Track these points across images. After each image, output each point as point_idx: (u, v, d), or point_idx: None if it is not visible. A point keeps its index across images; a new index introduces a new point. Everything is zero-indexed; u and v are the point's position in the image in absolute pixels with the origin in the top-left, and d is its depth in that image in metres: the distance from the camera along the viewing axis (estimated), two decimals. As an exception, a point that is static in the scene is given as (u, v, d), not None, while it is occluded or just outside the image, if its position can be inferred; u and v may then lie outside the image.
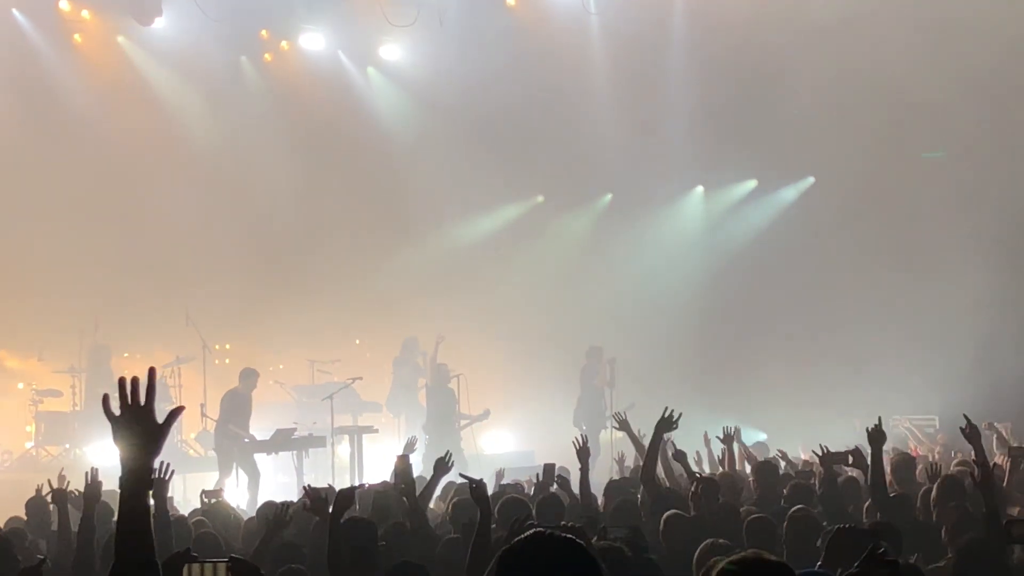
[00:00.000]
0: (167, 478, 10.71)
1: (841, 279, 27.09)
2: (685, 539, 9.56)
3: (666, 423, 12.02)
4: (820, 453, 11.83)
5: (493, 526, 9.07)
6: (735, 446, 16.40)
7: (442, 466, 11.82)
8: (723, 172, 28.88)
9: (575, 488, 12.80)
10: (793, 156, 27.58)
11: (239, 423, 21.21)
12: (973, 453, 11.29)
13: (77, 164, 25.36)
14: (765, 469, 13.12)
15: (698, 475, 12.08)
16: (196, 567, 5.75)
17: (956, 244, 25.36)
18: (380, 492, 12.21)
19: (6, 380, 25.62)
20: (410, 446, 15.45)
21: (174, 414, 4.82)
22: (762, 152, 27.61)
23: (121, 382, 4.70)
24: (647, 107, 28.31)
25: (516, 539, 4.35)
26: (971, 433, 11.22)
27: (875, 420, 11.07)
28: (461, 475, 10.35)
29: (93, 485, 10.26)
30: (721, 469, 15.36)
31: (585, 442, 12.07)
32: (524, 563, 4.26)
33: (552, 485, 12.57)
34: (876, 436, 11.10)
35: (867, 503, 11.07)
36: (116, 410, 4.69)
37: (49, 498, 11.83)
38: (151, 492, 4.76)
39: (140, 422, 4.66)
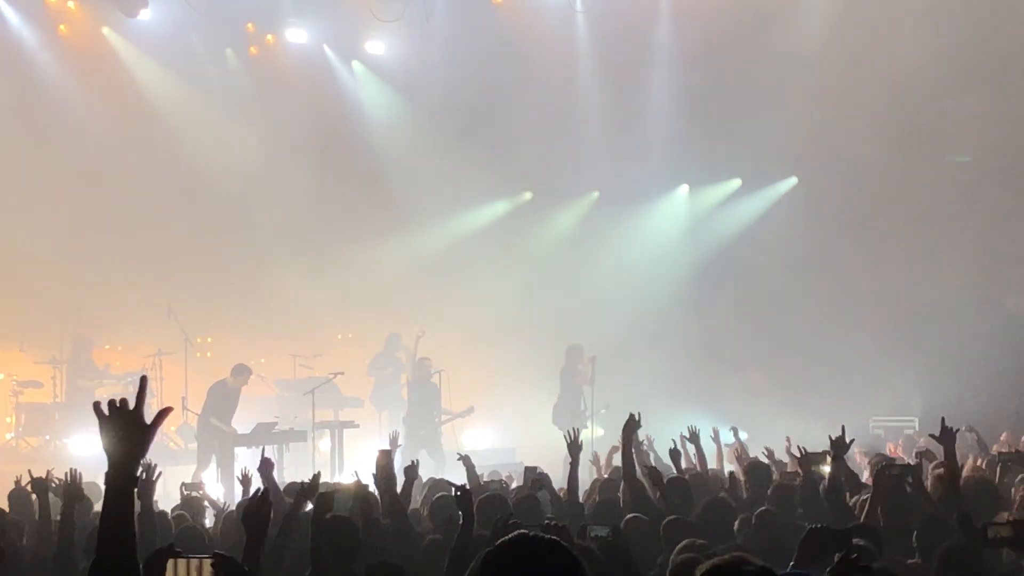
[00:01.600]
0: (154, 479, 10.73)
1: (823, 279, 27.11)
2: (645, 542, 9.66)
3: (632, 425, 12.13)
4: (799, 454, 11.87)
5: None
6: (727, 444, 16.47)
7: (412, 474, 11.88)
8: (708, 171, 28.93)
9: (555, 485, 12.86)
10: (777, 156, 27.62)
11: (223, 417, 21.24)
12: (944, 456, 11.24)
13: (61, 155, 25.31)
14: (757, 469, 13.09)
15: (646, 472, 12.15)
16: (180, 563, 5.75)
17: (938, 245, 25.44)
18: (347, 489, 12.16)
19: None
20: (393, 442, 15.49)
21: (162, 415, 4.84)
22: (747, 151, 27.65)
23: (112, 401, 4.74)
24: (633, 105, 28.39)
25: (500, 540, 4.38)
26: (944, 436, 11.10)
27: (854, 421, 11.14)
28: (448, 483, 10.45)
29: (73, 484, 10.29)
30: (698, 468, 15.29)
31: (576, 436, 12.08)
32: (508, 564, 4.29)
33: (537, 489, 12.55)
34: (838, 445, 11.16)
35: (851, 502, 11.09)
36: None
37: (29, 488, 11.83)
38: (136, 490, 4.79)
39: (127, 421, 4.69)
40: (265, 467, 11.73)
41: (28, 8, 25.09)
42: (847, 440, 11.28)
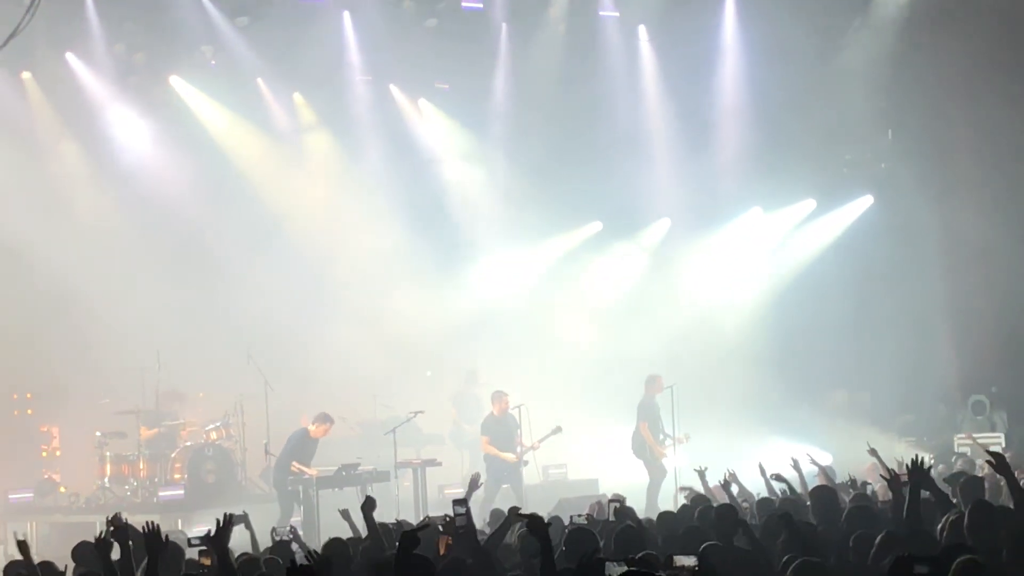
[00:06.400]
0: (229, 527, 10.45)
1: (903, 298, 26.85)
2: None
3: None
4: (887, 477, 11.73)
5: (558, 555, 9.09)
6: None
7: (515, 514, 11.63)
8: (781, 192, 28.76)
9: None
10: (851, 175, 27.46)
11: (304, 462, 21.32)
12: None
13: (136, 206, 25.57)
14: (822, 494, 12.87)
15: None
16: None
17: (1012, 259, 25.17)
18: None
19: (71, 423, 25.69)
20: (473, 484, 15.43)
21: None
22: (820, 170, 27.54)
23: None
24: (701, 130, 28.36)
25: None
26: (999, 464, 11.08)
27: (939, 439, 11.03)
28: (517, 515, 10.44)
29: (153, 536, 9.93)
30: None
31: None
32: None
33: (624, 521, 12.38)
34: (916, 473, 10.90)
35: (940, 525, 10.89)
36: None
37: (112, 538, 11.50)
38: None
39: None
40: (368, 506, 11.77)
41: (97, 63, 25.38)
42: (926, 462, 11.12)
